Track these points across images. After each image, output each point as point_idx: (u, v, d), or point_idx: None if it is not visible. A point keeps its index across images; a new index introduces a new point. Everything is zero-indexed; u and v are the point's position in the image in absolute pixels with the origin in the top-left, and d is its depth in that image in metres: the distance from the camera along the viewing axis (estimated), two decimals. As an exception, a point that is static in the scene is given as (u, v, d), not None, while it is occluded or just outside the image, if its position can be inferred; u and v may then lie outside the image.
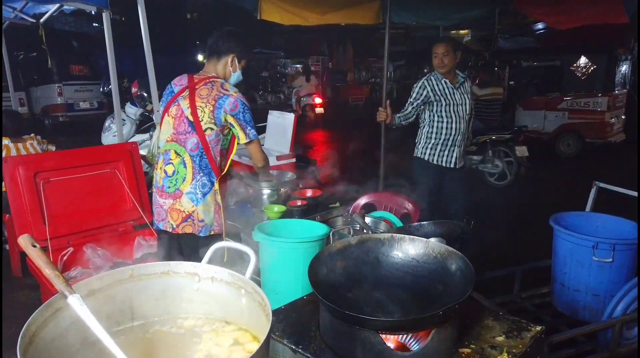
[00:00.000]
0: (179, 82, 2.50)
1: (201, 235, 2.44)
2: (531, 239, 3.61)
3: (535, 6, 4.13)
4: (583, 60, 8.78)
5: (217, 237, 2.48)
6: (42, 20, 4.75)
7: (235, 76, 2.54)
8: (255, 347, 1.01)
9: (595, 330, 2.54)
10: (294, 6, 4.49)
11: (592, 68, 8.71)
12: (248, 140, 2.43)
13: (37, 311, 0.92)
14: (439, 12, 4.92)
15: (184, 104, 2.39)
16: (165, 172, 2.43)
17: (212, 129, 2.38)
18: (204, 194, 2.40)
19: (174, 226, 2.43)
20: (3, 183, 4.06)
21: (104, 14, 3.53)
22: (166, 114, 2.47)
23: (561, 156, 8.74)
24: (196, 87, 2.40)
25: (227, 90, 2.39)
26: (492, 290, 3.02)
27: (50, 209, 2.95)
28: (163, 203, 2.44)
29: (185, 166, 2.39)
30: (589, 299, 2.82)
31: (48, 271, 0.96)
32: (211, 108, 2.35)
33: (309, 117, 12.24)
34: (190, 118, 2.37)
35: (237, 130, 2.41)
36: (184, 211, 2.40)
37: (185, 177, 2.39)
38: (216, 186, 2.44)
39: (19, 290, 3.85)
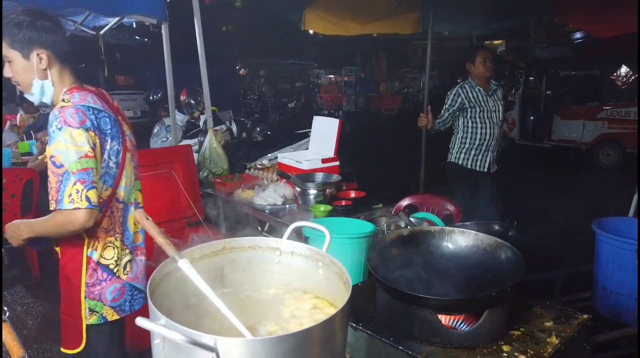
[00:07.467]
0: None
1: None
2: (570, 245, 3.64)
3: (575, 14, 4.14)
4: (624, 69, 8.64)
5: None
6: (101, 32, 5.09)
7: None
8: (332, 311, 1.15)
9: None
10: (336, 17, 4.68)
11: (633, 77, 8.56)
12: None
13: (155, 271, 1.09)
14: (477, 21, 5.01)
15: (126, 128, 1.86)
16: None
17: None
18: None
19: None
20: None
21: (162, 27, 3.79)
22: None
23: (601, 167, 8.59)
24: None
25: None
26: (533, 294, 3.06)
27: (115, 205, 3.18)
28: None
29: None
30: (632, 303, 2.83)
31: (161, 239, 1.14)
32: None
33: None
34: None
35: None
36: None
37: None
38: None
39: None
